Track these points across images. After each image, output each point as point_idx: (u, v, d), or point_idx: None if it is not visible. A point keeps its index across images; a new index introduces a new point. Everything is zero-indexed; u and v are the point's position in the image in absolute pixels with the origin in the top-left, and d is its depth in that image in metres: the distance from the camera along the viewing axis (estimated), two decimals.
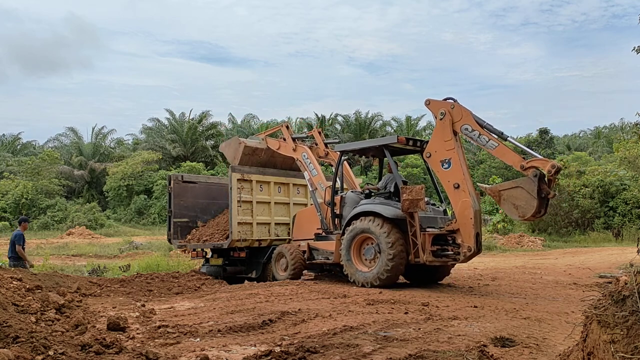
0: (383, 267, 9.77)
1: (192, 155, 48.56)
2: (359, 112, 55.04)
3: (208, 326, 6.75)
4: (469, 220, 9.35)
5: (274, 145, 13.05)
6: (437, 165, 9.76)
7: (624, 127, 49.70)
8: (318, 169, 12.09)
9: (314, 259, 11.50)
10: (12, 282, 7.74)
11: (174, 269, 14.41)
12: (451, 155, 9.56)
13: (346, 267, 10.40)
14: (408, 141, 10.54)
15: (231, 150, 13.28)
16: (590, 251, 20.75)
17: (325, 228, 11.39)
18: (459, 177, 9.46)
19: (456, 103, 9.68)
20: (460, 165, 9.50)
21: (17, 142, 60.70)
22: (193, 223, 13.53)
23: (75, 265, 17.69)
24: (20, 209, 39.39)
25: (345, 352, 5.40)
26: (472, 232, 9.33)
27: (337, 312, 7.57)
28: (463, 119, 9.52)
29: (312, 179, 11.99)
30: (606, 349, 3.17)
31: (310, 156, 12.26)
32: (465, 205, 9.38)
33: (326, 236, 11.35)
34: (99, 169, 48.01)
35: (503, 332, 6.48)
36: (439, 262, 9.86)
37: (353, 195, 11.05)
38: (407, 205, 9.44)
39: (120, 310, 7.87)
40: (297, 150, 12.52)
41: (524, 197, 8.83)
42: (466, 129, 9.48)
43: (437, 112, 9.75)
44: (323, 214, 11.46)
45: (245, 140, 13.27)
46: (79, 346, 5.21)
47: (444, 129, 9.66)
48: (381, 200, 10.43)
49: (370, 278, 9.94)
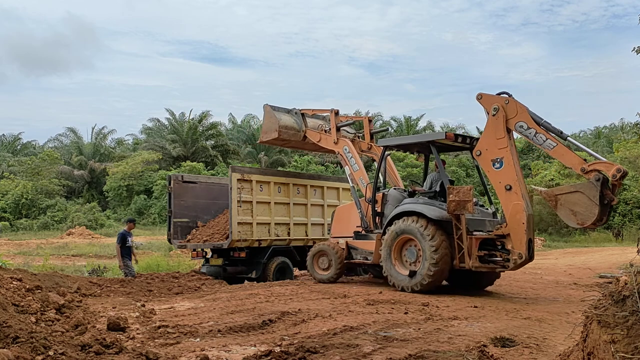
0: (425, 272, 9.23)
1: (192, 155, 48.51)
2: (359, 112, 54.97)
3: (208, 326, 6.75)
4: (521, 225, 8.73)
5: (314, 137, 12.54)
6: (488, 165, 9.14)
7: (624, 127, 49.64)
8: (360, 163, 11.51)
9: (352, 259, 11.03)
10: (12, 282, 7.74)
11: (174, 269, 14.42)
12: (503, 155, 8.94)
13: (386, 270, 9.89)
14: (457, 137, 9.90)
15: (268, 124, 12.74)
16: (591, 251, 20.76)
17: (365, 226, 10.85)
18: (512, 178, 8.85)
19: (511, 98, 9.02)
20: (513, 165, 8.89)
21: (17, 142, 60.69)
22: (193, 223, 13.53)
23: (75, 265, 17.68)
24: (20, 209, 39.39)
25: (346, 352, 5.40)
26: (524, 238, 8.71)
27: (337, 312, 7.57)
28: (518, 115, 8.86)
29: (353, 174, 11.46)
30: (606, 349, 3.17)
31: (352, 150, 11.65)
32: (517, 208, 8.76)
33: (366, 235, 10.86)
34: (99, 169, 47.98)
35: (503, 332, 6.48)
36: (485, 268, 9.28)
37: (396, 193, 10.55)
38: (453, 207, 8.84)
39: (120, 311, 7.87)
40: (338, 143, 11.93)
41: (583, 202, 8.13)
42: (521, 126, 8.81)
43: (490, 108, 9.10)
44: (363, 211, 10.90)
45: (282, 120, 12.55)
46: (79, 346, 5.21)
47: (496, 126, 9.01)
48: (425, 200, 9.89)
49: (411, 282, 9.42)
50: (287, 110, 12.88)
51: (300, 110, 12.87)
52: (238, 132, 56.80)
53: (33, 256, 20.55)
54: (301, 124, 12.75)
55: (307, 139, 12.75)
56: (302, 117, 12.81)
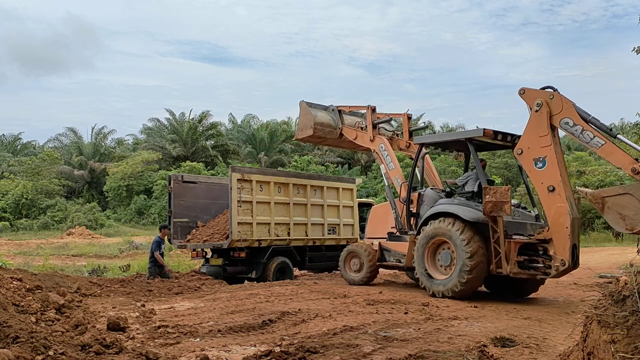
0: (459, 277, 8.72)
1: (192, 155, 48.52)
2: None
3: (208, 326, 6.75)
4: (564, 230, 8.16)
5: (350, 134, 12.15)
6: (530, 164, 8.61)
7: (624, 127, 49.62)
8: (395, 162, 11.10)
9: (385, 261, 10.65)
10: (12, 282, 7.74)
11: (174, 269, 14.41)
12: (547, 153, 8.38)
13: (418, 273, 9.46)
14: (496, 135, 9.25)
15: (304, 121, 12.43)
16: (591, 251, 20.74)
17: (399, 227, 10.40)
18: (555, 178, 8.30)
19: (556, 93, 8.45)
20: (556, 165, 8.34)
21: (17, 142, 60.73)
22: (193, 223, 13.53)
23: (75, 265, 17.68)
24: (20, 209, 39.40)
25: (346, 352, 5.40)
26: (567, 243, 8.15)
27: (337, 312, 7.57)
28: (563, 111, 8.27)
29: (389, 173, 11.02)
30: (606, 349, 3.17)
31: (388, 148, 11.21)
32: (561, 211, 8.21)
33: (399, 236, 10.44)
34: (99, 169, 48.00)
35: (503, 332, 6.48)
36: (525, 274, 8.64)
37: (432, 193, 10.08)
38: (489, 208, 8.30)
39: (120, 310, 7.87)
40: (374, 141, 11.52)
41: (633, 205, 7.39)
42: (566, 123, 8.21)
43: (533, 103, 8.54)
44: (398, 211, 10.44)
45: (317, 117, 12.25)
46: (79, 346, 5.21)
47: (539, 123, 8.44)
48: (461, 200, 9.41)
49: (443, 288, 8.93)
50: (323, 107, 12.62)
51: (337, 107, 12.58)
52: (238, 132, 56.79)
53: (33, 256, 20.55)
54: (337, 121, 12.44)
55: (343, 137, 12.44)
56: (339, 114, 12.49)
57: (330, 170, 43.50)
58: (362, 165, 48.60)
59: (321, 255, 14.04)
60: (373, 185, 41.15)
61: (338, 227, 14.17)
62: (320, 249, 14.02)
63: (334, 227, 14.08)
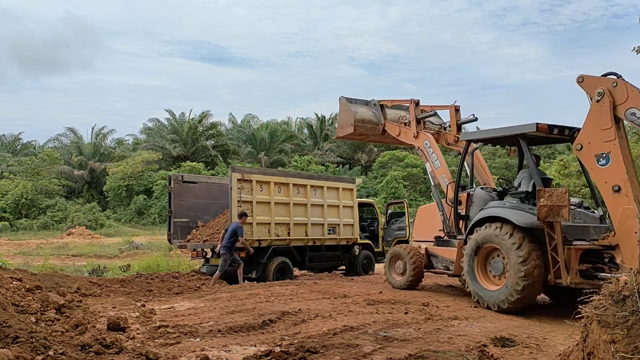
0: (513, 287, 7.76)
1: (193, 155, 48.54)
2: None
3: (208, 326, 6.75)
4: (633, 235, 7.11)
5: (393, 130, 11.47)
6: (591, 161, 7.63)
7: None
8: (442, 160, 10.32)
9: (433, 267, 9.92)
10: (12, 282, 7.74)
11: (174, 269, 14.41)
12: (610, 149, 7.39)
13: (468, 283, 8.62)
14: (552, 129, 8.29)
15: (344, 118, 11.89)
16: None
17: (447, 231, 9.61)
18: (620, 177, 7.28)
19: (620, 80, 7.45)
20: (622, 162, 7.33)
21: (17, 142, 60.77)
22: (193, 223, 13.53)
23: (75, 265, 17.68)
24: (20, 209, 39.40)
25: (346, 352, 5.40)
26: (637, 251, 7.07)
27: (338, 312, 7.57)
28: (629, 100, 7.28)
29: (434, 171, 10.27)
30: (606, 349, 3.17)
31: (433, 144, 10.44)
32: (628, 214, 7.15)
33: (447, 241, 9.64)
34: (99, 169, 48.01)
35: (503, 332, 6.48)
36: (588, 285, 7.03)
37: (482, 193, 9.15)
38: (544, 213, 7.32)
39: (120, 310, 7.87)
40: (418, 137, 10.75)
41: None
42: (633, 113, 7.25)
43: (593, 92, 7.55)
44: (446, 213, 9.63)
45: (358, 113, 11.66)
46: (79, 346, 5.21)
47: (601, 114, 7.46)
48: (513, 203, 8.48)
49: (497, 299, 7.98)
50: (364, 102, 12.03)
51: (379, 101, 11.92)
52: (238, 132, 56.83)
53: (33, 256, 20.55)
54: (380, 117, 11.77)
55: (386, 133, 11.75)
56: (381, 108, 11.82)
57: (330, 170, 43.50)
58: (362, 165, 48.60)
59: (321, 255, 14.04)
60: (373, 185, 41.16)
61: (338, 227, 14.17)
62: (320, 249, 14.01)
63: (334, 227, 14.08)
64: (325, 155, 50.34)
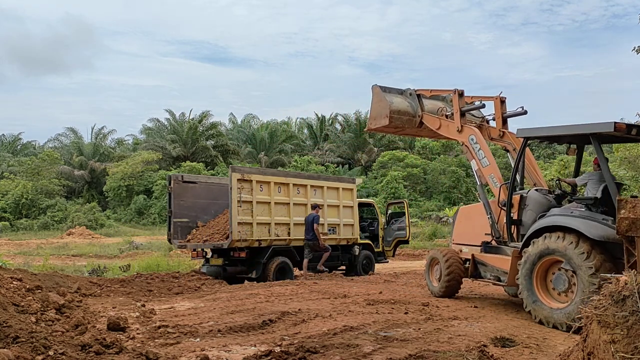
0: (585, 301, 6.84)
1: (192, 156, 48.55)
2: (359, 112, 54.97)
3: (208, 326, 6.75)
4: None
5: (433, 123, 10.40)
6: None
7: None
8: (490, 157, 9.26)
9: (480, 277, 8.98)
10: (12, 282, 7.74)
11: (174, 269, 14.40)
12: None
13: (525, 300, 7.59)
14: (630, 129, 7.30)
15: (377, 109, 10.79)
16: None
17: (497, 236, 8.63)
18: None
19: None
20: None
21: (17, 142, 60.77)
22: (193, 223, 13.53)
23: (75, 265, 17.68)
24: (20, 209, 39.40)
25: (346, 352, 5.40)
26: None
27: (338, 312, 7.57)
28: None
29: (482, 170, 9.23)
30: (606, 349, 3.17)
31: (480, 140, 9.36)
32: None
33: (498, 247, 8.65)
34: (99, 169, 48.02)
35: (503, 332, 6.48)
36: None
37: (537, 196, 8.23)
38: (625, 227, 6.25)
39: (120, 310, 7.87)
40: (463, 131, 9.64)
41: None
42: None
43: None
44: (495, 216, 8.71)
45: (393, 104, 10.56)
46: (79, 346, 5.21)
47: None
48: (581, 211, 7.45)
49: (562, 319, 6.94)
50: (399, 92, 10.89)
51: (416, 90, 10.81)
52: (238, 132, 56.83)
53: (33, 256, 20.55)
54: (417, 108, 10.66)
55: (423, 125, 10.69)
56: (418, 98, 10.71)
57: (330, 170, 43.49)
58: (362, 165, 48.58)
59: (321, 255, 14.04)
60: (373, 186, 41.15)
61: (338, 227, 14.17)
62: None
63: (334, 227, 14.08)
64: (325, 155, 50.33)
